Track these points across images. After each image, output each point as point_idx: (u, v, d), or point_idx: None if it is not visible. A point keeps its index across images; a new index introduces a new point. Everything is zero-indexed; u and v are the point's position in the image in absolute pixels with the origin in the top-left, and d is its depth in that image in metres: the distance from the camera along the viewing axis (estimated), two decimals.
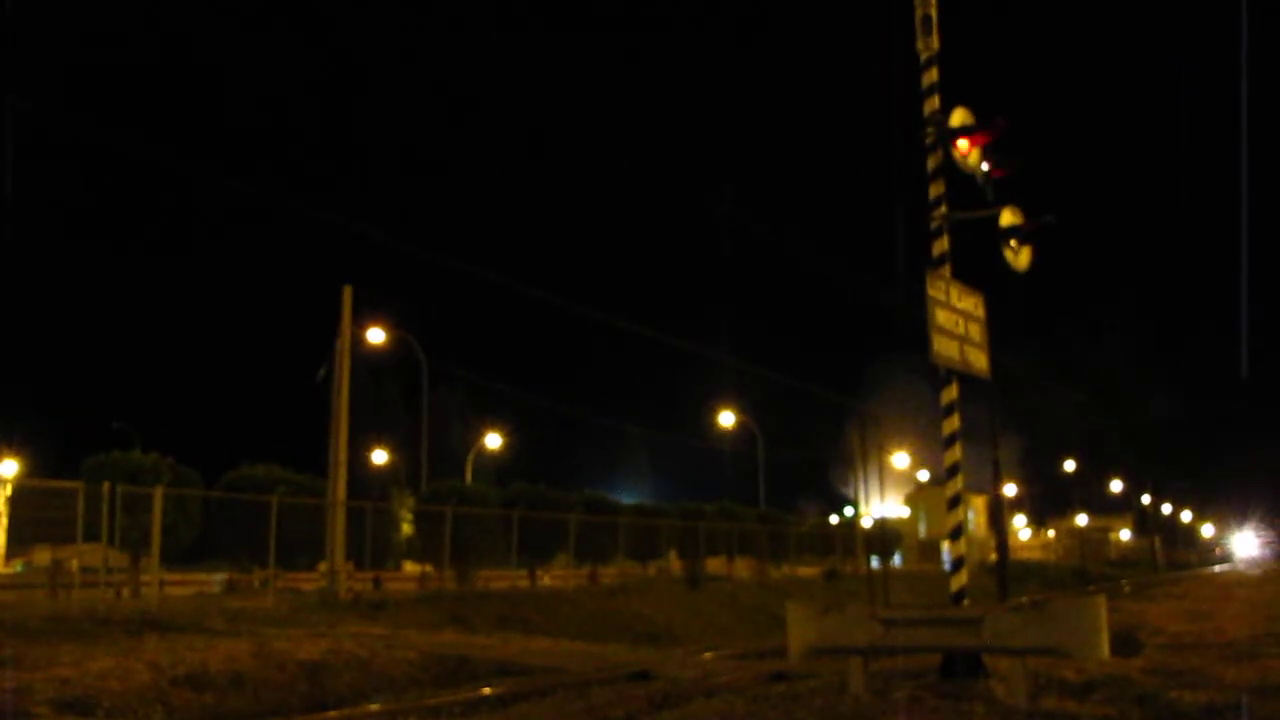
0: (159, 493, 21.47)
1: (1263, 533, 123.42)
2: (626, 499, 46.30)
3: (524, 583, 31.78)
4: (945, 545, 32.79)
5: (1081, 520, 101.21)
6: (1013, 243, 12.67)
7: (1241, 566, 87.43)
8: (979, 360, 12.38)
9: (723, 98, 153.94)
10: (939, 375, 12.08)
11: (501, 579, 31.71)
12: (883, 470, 63.39)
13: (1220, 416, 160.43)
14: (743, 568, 43.54)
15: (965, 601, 11.75)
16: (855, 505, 58.95)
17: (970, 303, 12.37)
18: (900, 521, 72.21)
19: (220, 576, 29.52)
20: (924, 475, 79.11)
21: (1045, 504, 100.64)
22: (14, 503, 22.26)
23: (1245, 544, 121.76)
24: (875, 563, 47.71)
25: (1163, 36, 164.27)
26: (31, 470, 45.82)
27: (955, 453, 11.98)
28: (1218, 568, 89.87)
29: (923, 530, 77.04)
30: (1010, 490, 71.87)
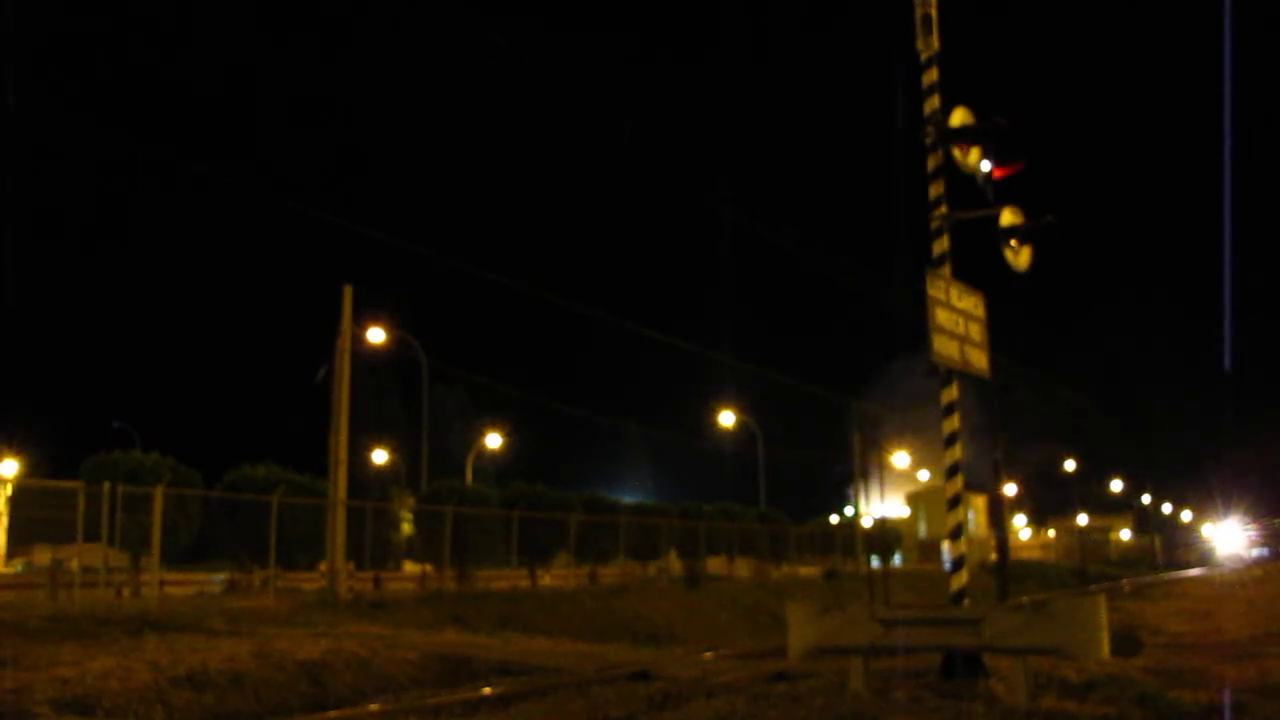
0: (159, 493, 21.47)
1: (1248, 528, 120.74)
2: (626, 499, 46.30)
3: (524, 583, 31.77)
4: (945, 545, 32.77)
5: (1081, 520, 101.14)
6: (1013, 243, 12.67)
7: (1226, 567, 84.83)
8: (979, 360, 12.38)
9: (723, 97, 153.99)
10: (939, 374, 12.08)
11: (501, 579, 31.71)
12: (883, 470, 63.35)
13: (1203, 411, 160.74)
14: (743, 568, 43.55)
15: (965, 601, 11.74)
16: (855, 505, 58.93)
17: (970, 302, 12.37)
18: (900, 521, 72.20)
19: (220, 576, 29.50)
20: (924, 475, 79.07)
21: (1045, 504, 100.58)
22: (14, 503, 22.28)
23: (1229, 541, 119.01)
24: (875, 562, 47.73)
25: (1161, 36, 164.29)
26: (31, 470, 45.85)
27: (955, 453, 11.98)
28: (1194, 571, 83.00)
29: (923, 530, 77.05)
30: (1010, 490, 71.85)
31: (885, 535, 56.23)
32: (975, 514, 68.47)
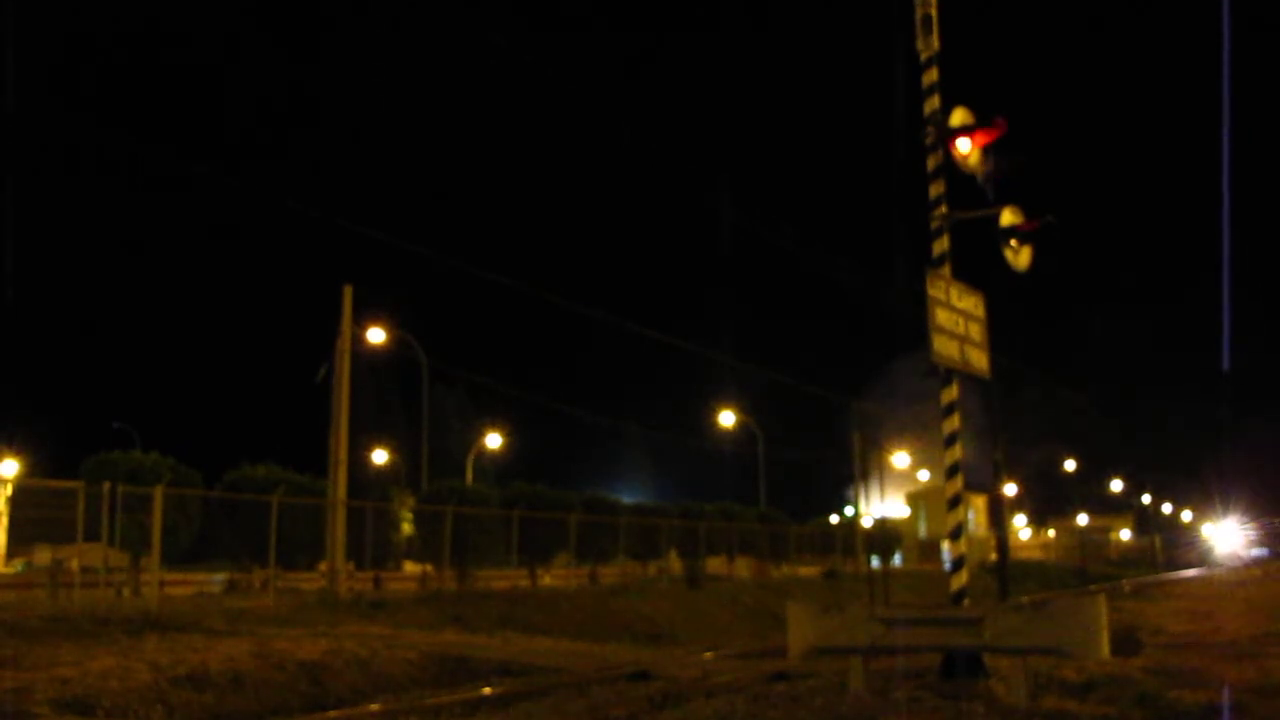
0: (159, 493, 21.47)
1: (1246, 528, 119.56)
2: (626, 499, 46.28)
3: (524, 583, 31.78)
4: (945, 545, 32.78)
5: (1081, 520, 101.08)
6: (1013, 243, 12.68)
7: (1225, 567, 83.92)
8: (979, 360, 12.39)
9: (723, 97, 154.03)
10: (939, 374, 12.09)
11: (502, 579, 31.72)
12: (883, 470, 63.35)
13: (1203, 411, 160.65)
14: (743, 568, 43.56)
15: (965, 601, 11.75)
16: (855, 505, 58.94)
17: (970, 303, 12.38)
18: (900, 521, 72.18)
19: (220, 576, 29.52)
20: (924, 475, 79.07)
21: (1045, 504, 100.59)
22: (14, 503, 22.28)
23: (1228, 540, 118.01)
24: (875, 562, 47.77)
25: (1160, 36, 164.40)
26: (31, 470, 45.88)
27: (955, 453, 11.98)
28: (1194, 570, 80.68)
29: (923, 530, 76.99)
30: (1010, 490, 71.83)
31: (885, 535, 56.25)
32: (975, 514, 68.48)
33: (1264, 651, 14.89)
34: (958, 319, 12.06)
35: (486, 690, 13.14)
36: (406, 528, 29.99)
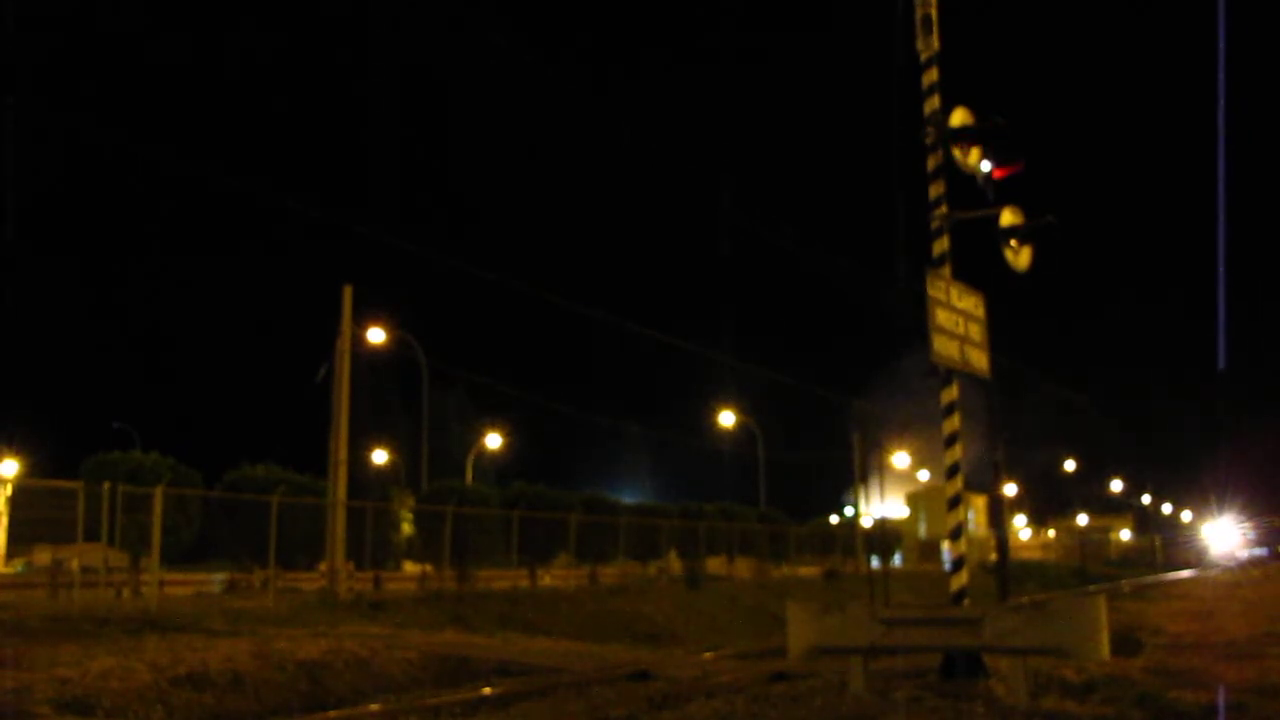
0: (159, 493, 21.47)
1: (1243, 527, 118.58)
2: (626, 499, 46.28)
3: (524, 583, 31.77)
4: (945, 545, 32.77)
5: (1081, 520, 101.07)
6: (1013, 243, 12.68)
7: (1221, 567, 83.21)
8: (979, 360, 12.40)
9: (723, 97, 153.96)
10: (939, 374, 12.10)
11: (502, 579, 31.71)
12: (883, 470, 63.25)
13: (1202, 410, 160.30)
14: (743, 568, 43.55)
15: (965, 601, 11.75)
16: (855, 505, 58.93)
17: (970, 303, 12.38)
18: (900, 521, 72.18)
19: (220, 576, 29.52)
20: (924, 475, 79.06)
21: (1045, 504, 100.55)
22: (14, 503, 22.32)
23: (1224, 540, 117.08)
24: (875, 563, 47.74)
25: (1159, 37, 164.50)
26: (31, 470, 45.90)
27: (955, 453, 11.98)
28: (1193, 571, 78.41)
29: (923, 530, 76.98)
30: (1010, 490, 71.72)
31: (885, 535, 56.20)
32: (975, 514, 68.46)
33: (1263, 651, 14.90)
34: (958, 319, 12.06)
35: (486, 690, 13.14)
36: (406, 528, 29.99)
